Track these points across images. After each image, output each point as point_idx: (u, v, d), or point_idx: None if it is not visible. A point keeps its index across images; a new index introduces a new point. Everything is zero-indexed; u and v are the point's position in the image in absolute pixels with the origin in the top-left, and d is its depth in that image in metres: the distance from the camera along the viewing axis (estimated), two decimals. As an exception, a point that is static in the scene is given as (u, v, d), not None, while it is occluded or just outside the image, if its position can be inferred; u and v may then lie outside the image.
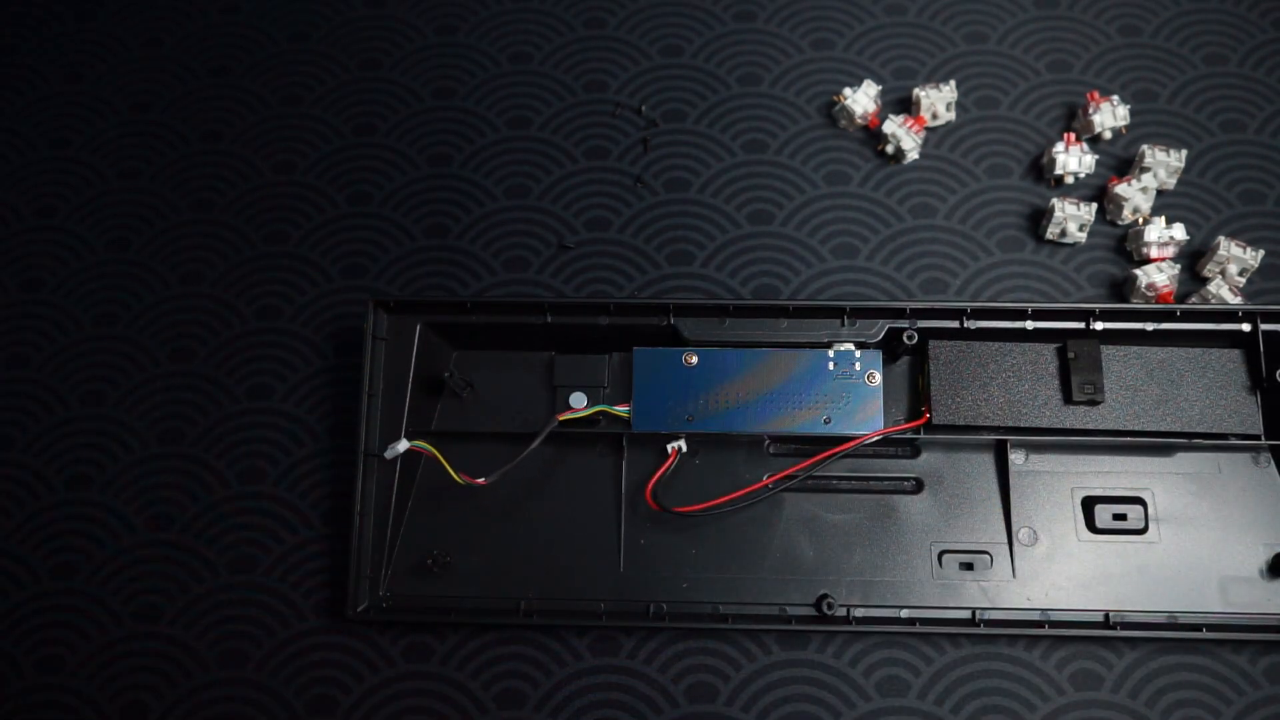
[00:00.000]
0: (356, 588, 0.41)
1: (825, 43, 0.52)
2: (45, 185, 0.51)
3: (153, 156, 0.52)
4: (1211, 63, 0.50)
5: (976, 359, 0.42)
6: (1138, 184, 0.46)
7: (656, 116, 0.50)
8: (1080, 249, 0.47)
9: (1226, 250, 0.44)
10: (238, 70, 0.53)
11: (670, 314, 0.42)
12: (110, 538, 0.45)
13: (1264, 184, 0.47)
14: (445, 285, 0.48)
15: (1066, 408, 0.41)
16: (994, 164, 0.49)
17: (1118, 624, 0.39)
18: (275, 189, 0.50)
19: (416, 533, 0.42)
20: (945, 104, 0.48)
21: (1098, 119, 0.47)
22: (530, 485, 0.43)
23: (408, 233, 0.49)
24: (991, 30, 0.51)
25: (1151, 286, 0.44)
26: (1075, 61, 0.50)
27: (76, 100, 0.53)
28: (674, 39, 0.52)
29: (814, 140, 0.50)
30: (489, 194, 0.49)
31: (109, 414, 0.47)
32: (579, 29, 0.53)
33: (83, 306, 0.49)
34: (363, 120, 0.51)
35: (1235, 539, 0.41)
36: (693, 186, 0.49)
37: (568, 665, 0.42)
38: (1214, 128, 0.49)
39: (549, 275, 0.48)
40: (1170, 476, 0.42)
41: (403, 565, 0.42)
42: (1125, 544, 0.41)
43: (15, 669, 0.43)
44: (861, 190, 0.48)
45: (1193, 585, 0.40)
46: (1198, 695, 0.40)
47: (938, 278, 0.47)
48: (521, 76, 0.52)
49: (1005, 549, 0.41)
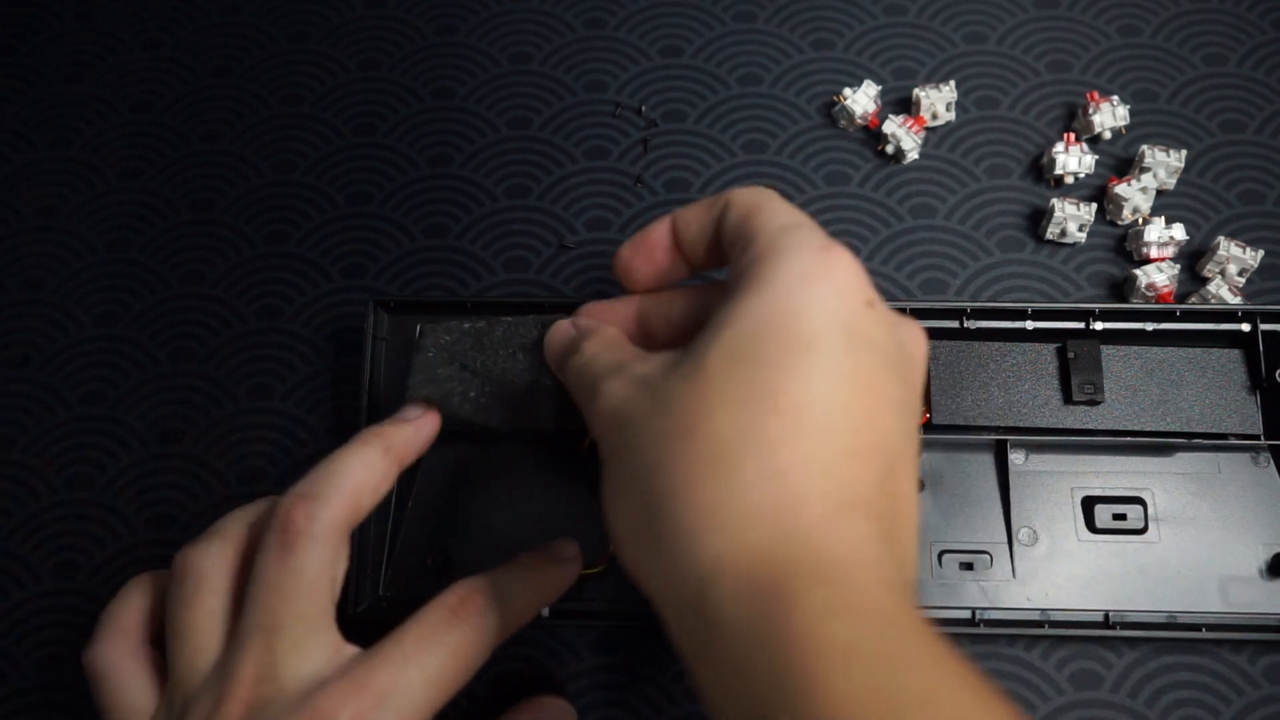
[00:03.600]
0: (357, 587, 0.41)
1: (825, 43, 0.52)
2: (45, 185, 0.51)
3: (153, 156, 0.52)
4: (1211, 63, 0.50)
5: (976, 359, 0.42)
6: (1137, 184, 0.46)
7: (656, 117, 0.50)
8: (1080, 249, 0.47)
9: (1226, 250, 0.44)
10: (238, 70, 0.53)
11: (670, 314, 0.42)
12: (110, 538, 0.45)
13: (1264, 184, 0.47)
14: (445, 285, 0.48)
15: (1066, 408, 0.41)
16: (994, 164, 0.49)
17: (1117, 624, 0.39)
18: (275, 189, 0.50)
19: (416, 533, 0.42)
20: (945, 104, 0.48)
21: (1097, 119, 0.48)
22: (531, 485, 0.43)
23: (408, 233, 0.49)
24: (991, 30, 0.51)
25: (1151, 286, 0.44)
26: (1075, 62, 0.50)
27: (76, 100, 0.53)
28: (674, 39, 0.52)
29: (814, 140, 0.50)
30: (489, 194, 0.49)
31: (109, 414, 0.47)
32: (579, 29, 0.53)
33: (83, 306, 0.49)
34: (363, 120, 0.51)
35: (1235, 539, 0.41)
36: (693, 186, 0.49)
37: (569, 665, 0.42)
38: (1214, 128, 0.49)
39: (549, 275, 0.48)
40: (1170, 476, 0.42)
41: (403, 565, 0.42)
42: (1125, 544, 0.41)
43: (16, 669, 0.43)
44: (861, 190, 0.48)
45: (1192, 585, 0.40)
46: (1197, 695, 0.40)
47: (938, 278, 0.47)
48: (521, 76, 0.52)
49: (1005, 549, 0.41)
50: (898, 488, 0.27)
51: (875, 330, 0.28)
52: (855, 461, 0.26)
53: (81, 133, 0.52)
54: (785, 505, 0.25)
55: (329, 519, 0.32)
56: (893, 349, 0.28)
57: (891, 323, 0.29)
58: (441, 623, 0.32)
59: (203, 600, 0.33)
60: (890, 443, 0.27)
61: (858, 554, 0.26)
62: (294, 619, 0.31)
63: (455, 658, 0.32)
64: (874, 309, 0.28)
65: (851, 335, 0.27)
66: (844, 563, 0.25)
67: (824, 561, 0.25)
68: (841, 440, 0.26)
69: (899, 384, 0.28)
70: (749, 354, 0.27)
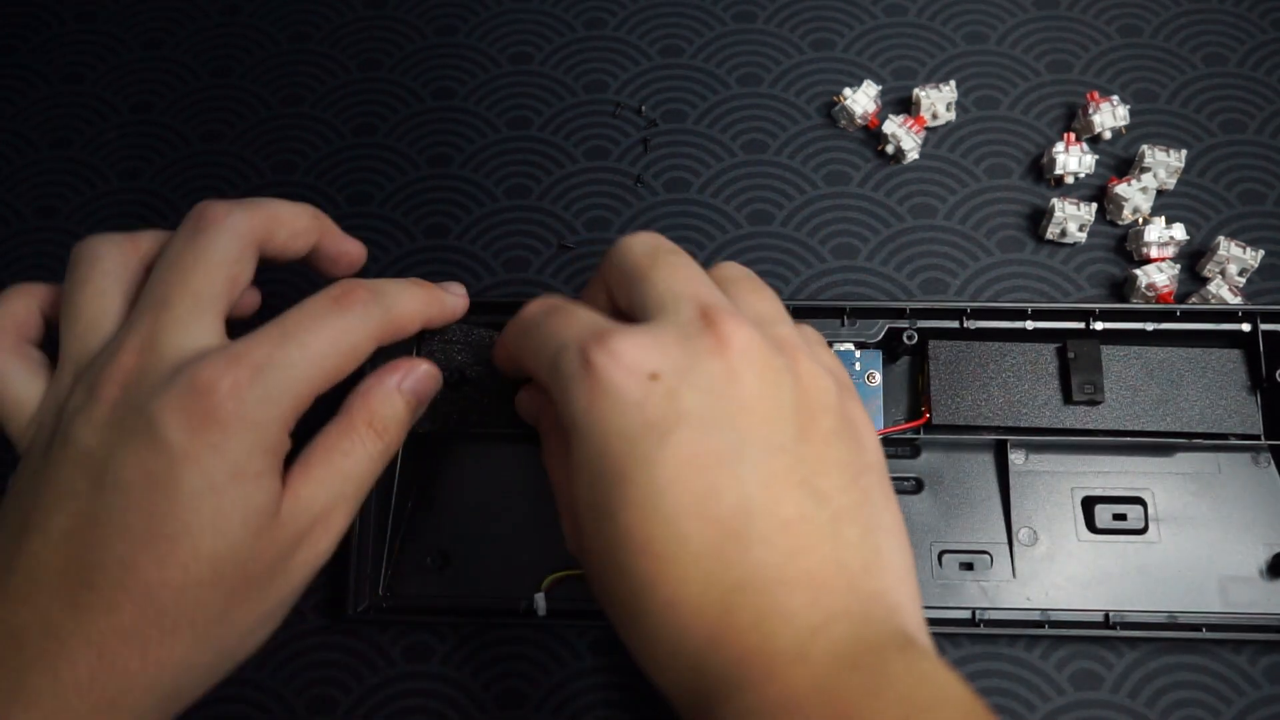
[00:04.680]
0: (356, 587, 0.41)
1: (825, 43, 0.52)
2: (46, 186, 0.51)
3: (153, 157, 0.52)
4: (1211, 63, 0.50)
5: (976, 359, 0.42)
6: (1137, 184, 0.46)
7: (656, 116, 0.50)
8: (1080, 249, 0.47)
9: (1226, 250, 0.44)
10: (238, 71, 0.53)
11: (670, 314, 0.42)
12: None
13: (1264, 184, 0.47)
14: (445, 285, 0.48)
15: (1066, 408, 0.41)
16: (994, 164, 0.49)
17: (1117, 624, 0.39)
18: (275, 189, 0.50)
19: (417, 532, 0.42)
20: (945, 104, 0.48)
21: (1098, 119, 0.48)
22: (532, 484, 0.43)
23: (408, 233, 0.49)
24: (991, 30, 0.51)
25: (1151, 286, 0.44)
26: (1075, 61, 0.50)
27: (77, 100, 0.53)
28: (674, 39, 0.52)
29: (814, 140, 0.50)
30: (489, 194, 0.49)
31: (109, 414, 0.47)
32: (579, 29, 0.53)
33: (83, 307, 0.49)
34: (363, 121, 0.51)
35: (1235, 539, 0.41)
36: (693, 186, 0.49)
37: (569, 666, 0.42)
38: (1214, 128, 0.49)
39: (549, 275, 0.48)
40: (1170, 476, 0.42)
41: (403, 565, 0.42)
42: (1125, 544, 0.41)
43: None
44: (861, 190, 0.48)
45: (1192, 585, 0.40)
46: (1197, 695, 0.40)
47: (938, 278, 0.47)
48: (521, 77, 0.52)
49: (1005, 549, 0.41)
50: (767, 542, 0.27)
51: (660, 404, 0.28)
52: (721, 549, 0.27)
53: (81, 133, 0.52)
54: (686, 626, 0.27)
55: (244, 217, 0.34)
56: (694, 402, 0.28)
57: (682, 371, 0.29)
58: (323, 308, 0.33)
59: (95, 280, 0.34)
60: (744, 496, 0.27)
61: (763, 641, 0.26)
62: (185, 293, 0.32)
63: (336, 340, 0.33)
64: (660, 380, 0.28)
65: (649, 433, 0.28)
66: (751, 656, 0.26)
67: (736, 664, 0.26)
68: (694, 542, 0.27)
69: (727, 430, 0.28)
70: (592, 506, 0.28)
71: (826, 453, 0.29)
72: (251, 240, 0.34)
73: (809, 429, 0.29)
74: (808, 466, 0.28)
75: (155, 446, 0.29)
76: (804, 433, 0.29)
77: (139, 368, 0.31)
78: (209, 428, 0.29)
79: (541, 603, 0.40)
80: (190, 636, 0.30)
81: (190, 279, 0.33)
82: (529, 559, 0.42)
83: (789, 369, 0.30)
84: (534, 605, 0.40)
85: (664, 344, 0.29)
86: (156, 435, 0.29)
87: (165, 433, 0.29)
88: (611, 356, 0.28)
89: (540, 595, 0.40)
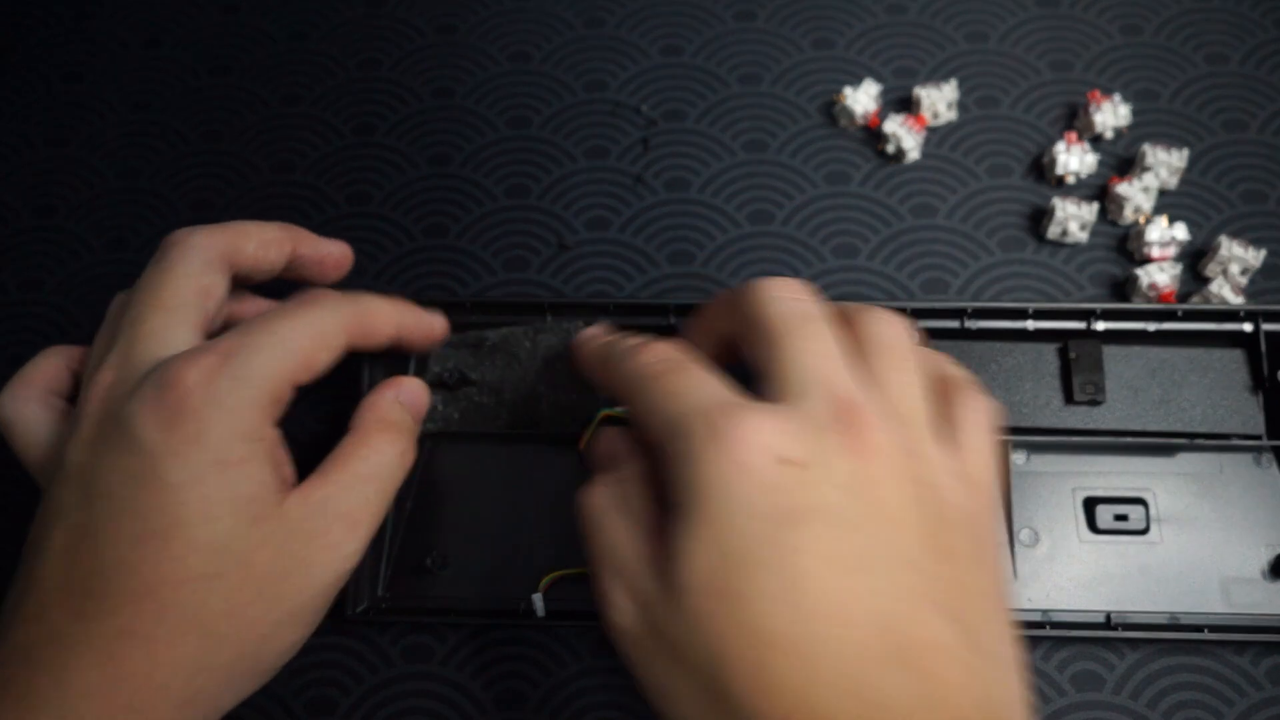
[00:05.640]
0: (356, 588, 0.41)
1: (825, 42, 0.52)
2: (44, 185, 0.51)
3: (152, 156, 0.51)
4: (1213, 62, 0.50)
5: (977, 359, 0.42)
6: (1139, 183, 0.46)
7: (656, 116, 0.50)
8: (1081, 249, 0.46)
9: (1228, 250, 0.44)
10: (237, 70, 0.53)
11: (670, 314, 0.42)
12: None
13: (1266, 183, 0.47)
14: (445, 285, 0.48)
15: (1067, 408, 0.41)
16: (995, 163, 0.48)
17: (1119, 625, 0.39)
18: (274, 188, 0.50)
19: (416, 533, 0.42)
20: (946, 103, 0.48)
21: (1099, 118, 0.47)
22: (531, 484, 0.43)
23: (407, 232, 0.49)
24: (992, 29, 0.51)
25: (1153, 286, 0.44)
26: (1076, 60, 0.50)
27: (76, 100, 0.53)
28: (674, 38, 0.52)
29: (814, 140, 0.49)
30: (489, 194, 0.49)
31: (108, 414, 0.47)
32: (579, 28, 0.53)
33: (82, 306, 0.49)
34: (362, 120, 0.51)
35: (1237, 540, 0.41)
36: (693, 186, 0.49)
37: (569, 666, 0.42)
38: (1216, 127, 0.49)
39: (549, 275, 0.48)
40: (1172, 477, 0.42)
41: (402, 565, 0.42)
42: (1126, 544, 0.41)
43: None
44: (862, 190, 0.48)
45: (1194, 586, 0.40)
46: (1200, 696, 0.40)
47: (938, 277, 0.47)
48: (521, 76, 0.52)
49: (1006, 549, 0.41)
50: (907, 665, 0.25)
51: (795, 492, 0.26)
52: (860, 659, 0.25)
53: (80, 132, 0.52)
54: None
55: (205, 233, 0.35)
56: (831, 498, 0.26)
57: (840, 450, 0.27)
58: (293, 305, 0.34)
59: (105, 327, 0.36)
60: (880, 610, 0.26)
61: None
62: (156, 307, 0.33)
63: (305, 327, 0.33)
64: (793, 467, 0.26)
65: (786, 519, 0.26)
66: None
67: None
68: (832, 645, 0.25)
69: (864, 533, 0.26)
70: (713, 588, 0.26)
71: (964, 577, 0.27)
72: (217, 253, 0.35)
73: (946, 548, 0.27)
74: (943, 588, 0.27)
75: (133, 448, 0.30)
76: (941, 552, 0.27)
77: (116, 380, 0.32)
78: (183, 420, 0.30)
79: (539, 603, 0.40)
80: (198, 635, 0.30)
81: (160, 293, 0.34)
82: (528, 560, 0.42)
83: (929, 482, 0.28)
84: (532, 606, 0.40)
85: (796, 430, 0.27)
86: (133, 437, 0.30)
87: (140, 433, 0.30)
88: (744, 432, 0.26)
89: (538, 596, 0.40)
